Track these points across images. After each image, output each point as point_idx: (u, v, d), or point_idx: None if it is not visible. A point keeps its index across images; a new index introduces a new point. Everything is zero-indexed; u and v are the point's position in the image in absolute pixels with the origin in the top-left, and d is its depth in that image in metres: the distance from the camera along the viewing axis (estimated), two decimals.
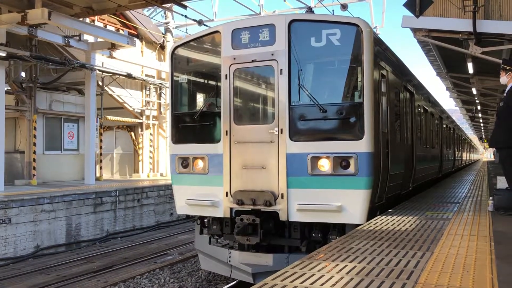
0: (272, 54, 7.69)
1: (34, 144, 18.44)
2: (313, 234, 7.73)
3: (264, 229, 7.60)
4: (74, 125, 20.85)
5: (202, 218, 8.82)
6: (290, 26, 7.64)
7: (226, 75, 8.07)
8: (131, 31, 23.66)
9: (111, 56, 20.92)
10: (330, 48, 7.46)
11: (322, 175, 7.34)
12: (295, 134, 7.56)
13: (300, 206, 7.43)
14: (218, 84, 8.22)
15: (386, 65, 8.50)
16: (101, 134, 21.80)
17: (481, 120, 39.35)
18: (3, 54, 15.39)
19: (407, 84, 11.02)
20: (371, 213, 7.48)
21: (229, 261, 8.23)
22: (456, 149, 26.42)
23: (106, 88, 21.97)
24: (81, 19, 17.98)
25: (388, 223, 7.07)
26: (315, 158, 7.37)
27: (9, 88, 18.23)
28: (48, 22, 15.96)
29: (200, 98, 9.14)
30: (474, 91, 19.90)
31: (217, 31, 8.32)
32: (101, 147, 21.93)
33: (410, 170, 10.85)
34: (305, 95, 7.56)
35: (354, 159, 7.14)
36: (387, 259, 4.69)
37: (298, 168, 7.44)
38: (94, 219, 15.44)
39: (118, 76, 21.45)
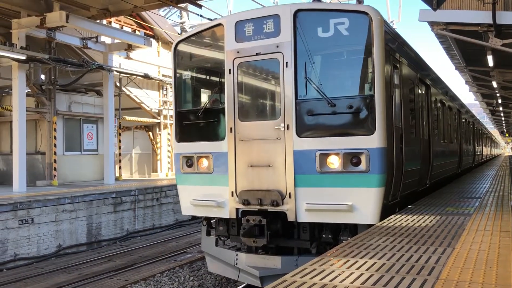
0: (277, 46, 7.35)
1: (55, 145, 18.73)
2: (323, 235, 7.39)
3: (271, 230, 7.31)
4: (93, 126, 21.12)
5: (208, 219, 8.57)
6: (295, 16, 7.28)
7: (229, 69, 7.76)
8: (147, 31, 23.84)
9: (128, 57, 21.14)
10: (338, 38, 7.08)
11: (331, 172, 6.99)
12: (303, 130, 7.21)
13: (309, 205, 7.09)
14: (222, 79, 7.91)
15: (399, 56, 8.13)
16: (119, 134, 22.04)
17: (502, 114, 38.61)
18: (23, 57, 15.66)
19: (423, 76, 10.60)
20: (385, 213, 7.11)
21: (236, 263, 7.95)
22: (476, 144, 25.85)
23: (123, 88, 22.19)
24: (98, 21, 18.20)
25: (408, 219, 7.00)
26: (324, 155, 7.02)
27: (29, 90, 18.54)
28: (66, 24, 16.20)
29: (204, 95, 8.77)
30: (494, 84, 19.54)
31: (219, 24, 7.97)
32: (120, 147, 22.17)
33: (427, 166, 10.51)
34: (312, 89, 7.20)
35: (365, 156, 6.77)
36: (407, 255, 4.64)
37: (306, 166, 7.11)
38: (114, 218, 15.63)
39: (135, 76, 21.65)
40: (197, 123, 8.32)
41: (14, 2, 16.40)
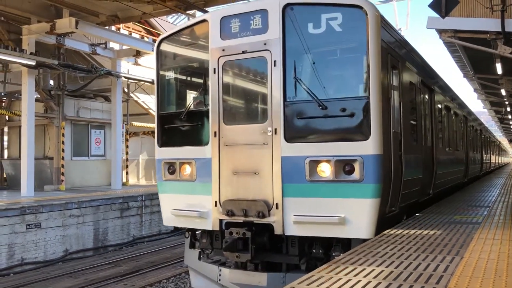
0: (265, 44, 6.82)
1: (63, 150, 18.84)
2: (314, 250, 6.77)
3: (257, 244, 6.73)
4: (100, 131, 21.24)
5: (191, 230, 7.97)
6: (284, 11, 6.76)
7: (214, 69, 7.21)
8: (156, 38, 24.00)
9: (136, 63, 21.27)
10: (331, 34, 6.54)
11: (322, 181, 6.42)
12: (291, 134, 6.65)
13: (297, 218, 6.51)
14: (207, 80, 7.38)
15: (398, 55, 7.58)
16: (127, 140, 22.14)
17: (511, 122, 38.37)
18: (33, 63, 15.81)
19: (426, 80, 9.99)
20: (382, 226, 6.56)
21: (219, 279, 7.37)
22: (483, 152, 25.29)
23: (131, 94, 22.32)
24: (106, 27, 18.35)
25: (416, 227, 6.95)
26: (314, 162, 6.46)
27: (38, 96, 18.71)
28: (76, 31, 16.35)
29: (188, 97, 8.15)
30: (503, 92, 19.42)
31: (204, 20, 7.44)
32: (127, 153, 22.26)
33: (430, 175, 9.90)
34: (302, 90, 6.64)
35: (359, 163, 6.21)
36: (415, 264, 4.60)
37: (295, 174, 6.54)
38: (120, 223, 15.67)
39: (143, 82, 21.77)
40: (180, 127, 7.79)
41: (24, 9, 16.60)
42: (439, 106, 11.59)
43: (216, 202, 7.10)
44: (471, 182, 18.91)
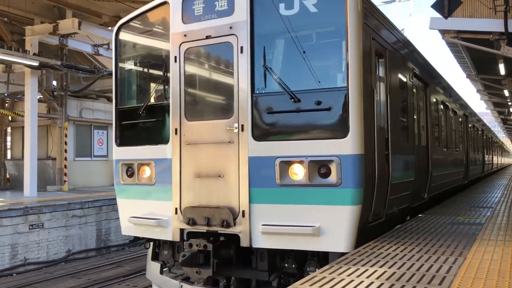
0: (231, 28, 6.01)
1: (65, 151, 18.89)
2: (286, 265, 5.98)
3: (222, 257, 5.97)
4: (103, 132, 21.28)
5: (152, 240, 7.13)
6: None
7: (175, 57, 6.42)
8: None
9: None
10: (305, 16, 5.77)
11: (294, 185, 5.65)
12: (260, 131, 5.86)
13: (266, 227, 5.71)
14: (167, 69, 6.60)
15: (385, 43, 6.76)
16: None
17: None
18: (36, 63, 15.86)
19: (420, 72, 9.08)
20: (364, 236, 5.80)
21: None
22: (485, 152, 24.62)
23: None
24: (109, 28, 18.39)
25: (418, 228, 6.93)
26: (286, 164, 5.68)
27: (41, 96, 18.76)
28: (78, 31, 16.40)
29: (149, 89, 7.34)
30: (506, 93, 19.42)
31: (165, 2, 6.64)
32: None
33: (425, 178, 9.10)
34: (273, 80, 5.85)
35: (335, 164, 5.42)
36: (418, 264, 4.59)
37: (264, 177, 5.77)
38: None
39: None
40: (139, 124, 6.99)
41: (27, 10, 16.66)
42: (436, 103, 10.77)
43: (176, 209, 6.30)
44: (472, 184, 18.24)
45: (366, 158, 5.59)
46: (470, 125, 17.72)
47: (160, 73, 6.79)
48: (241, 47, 5.95)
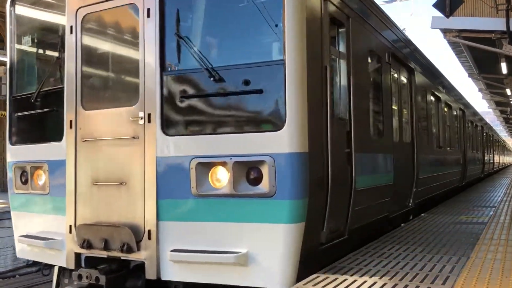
0: None
1: None
2: None
3: None
4: None
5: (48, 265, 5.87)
6: None
7: (71, 27, 5.08)
8: None
9: None
10: None
11: (216, 196, 4.29)
12: (171, 123, 4.55)
13: (177, 254, 4.34)
14: (64, 44, 5.25)
15: (346, 8, 5.37)
16: None
17: None
18: None
19: (402, 54, 7.70)
20: (313, 263, 4.52)
21: None
22: (486, 151, 23.50)
23: None
24: None
25: (421, 227, 6.92)
26: (205, 166, 4.32)
27: None
28: None
29: (46, 72, 5.95)
30: (508, 92, 19.41)
31: None
32: None
33: (409, 181, 7.84)
34: (189, 53, 4.53)
35: (268, 167, 4.08)
36: (421, 264, 4.58)
37: (176, 185, 4.41)
38: None
39: None
40: (33, 115, 5.60)
41: None
42: (424, 93, 9.34)
43: (70, 226, 4.95)
44: (471, 185, 16.95)
45: (312, 158, 4.30)
46: (468, 121, 16.46)
47: (56, 52, 5.52)
48: (148, 9, 4.63)
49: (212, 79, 4.33)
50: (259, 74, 4.26)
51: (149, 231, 4.48)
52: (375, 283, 3.96)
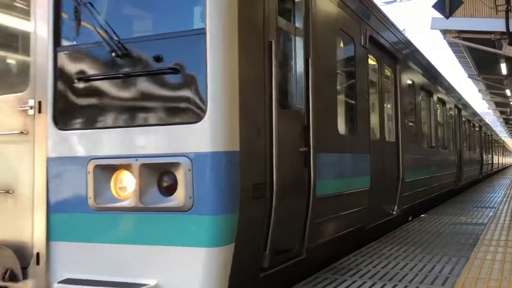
0: None
1: None
2: None
3: None
4: None
5: None
6: None
7: None
8: None
9: None
10: None
11: (118, 210, 3.40)
12: (65, 113, 3.64)
13: (65, 287, 3.44)
14: None
15: None
16: None
17: None
18: None
19: (383, 37, 6.74)
20: None
21: None
22: (484, 152, 22.65)
23: None
24: None
25: (421, 228, 6.93)
26: (105, 169, 3.45)
27: None
28: None
29: None
30: (508, 92, 19.43)
31: None
32: None
33: (392, 185, 6.97)
34: (89, 24, 3.67)
35: (184, 171, 3.19)
36: (420, 265, 4.59)
37: (71, 194, 3.54)
38: None
39: None
40: None
41: None
42: (411, 87, 8.46)
43: None
44: (468, 188, 16.01)
45: (246, 159, 3.36)
46: (464, 120, 15.52)
47: None
48: None
49: (114, 54, 3.41)
50: (173, 47, 3.36)
51: (37, 254, 3.54)
52: (374, 283, 3.97)
